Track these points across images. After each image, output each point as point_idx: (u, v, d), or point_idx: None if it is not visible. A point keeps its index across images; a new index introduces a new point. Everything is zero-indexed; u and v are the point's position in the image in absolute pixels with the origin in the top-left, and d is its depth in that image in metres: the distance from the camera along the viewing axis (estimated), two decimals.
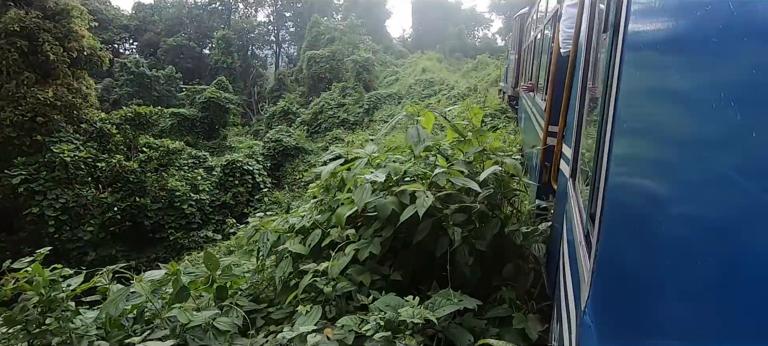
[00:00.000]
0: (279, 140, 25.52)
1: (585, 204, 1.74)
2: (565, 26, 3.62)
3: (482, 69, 24.81)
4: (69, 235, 14.90)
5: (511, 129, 10.40)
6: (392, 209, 2.62)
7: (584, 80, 2.39)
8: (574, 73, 3.05)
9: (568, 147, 2.89)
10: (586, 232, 1.57)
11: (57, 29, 15.41)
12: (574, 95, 2.78)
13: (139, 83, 45.18)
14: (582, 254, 1.49)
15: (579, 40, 2.97)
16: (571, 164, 2.44)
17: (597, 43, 2.19)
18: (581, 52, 2.61)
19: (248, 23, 57.28)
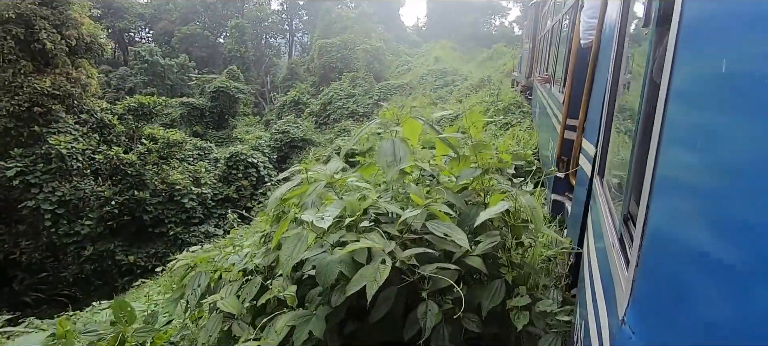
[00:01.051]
0: (286, 132, 24.86)
1: (617, 205, 1.63)
2: (587, 16, 3.50)
3: (498, 58, 23.53)
4: (66, 229, 14.56)
5: (526, 126, 9.36)
6: (340, 272, 1.78)
7: (615, 74, 2.23)
8: (596, 65, 2.95)
9: (588, 142, 2.79)
10: (620, 235, 1.47)
11: (54, 16, 14.91)
12: (599, 89, 2.65)
13: (153, 72, 45.27)
14: (616, 259, 1.40)
15: (603, 32, 2.85)
16: (598, 161, 2.32)
17: (630, 36, 2.04)
18: (611, 45, 2.40)
19: (262, 12, 56.72)
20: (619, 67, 2.21)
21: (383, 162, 2.33)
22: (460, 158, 2.60)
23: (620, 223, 1.51)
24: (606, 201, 1.89)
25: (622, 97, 2.07)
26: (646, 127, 1.35)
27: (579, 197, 2.80)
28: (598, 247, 1.85)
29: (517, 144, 7.78)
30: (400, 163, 2.32)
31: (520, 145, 7.66)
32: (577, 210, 2.72)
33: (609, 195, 1.92)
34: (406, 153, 2.38)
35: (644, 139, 1.32)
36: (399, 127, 2.48)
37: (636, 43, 1.94)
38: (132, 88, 43.93)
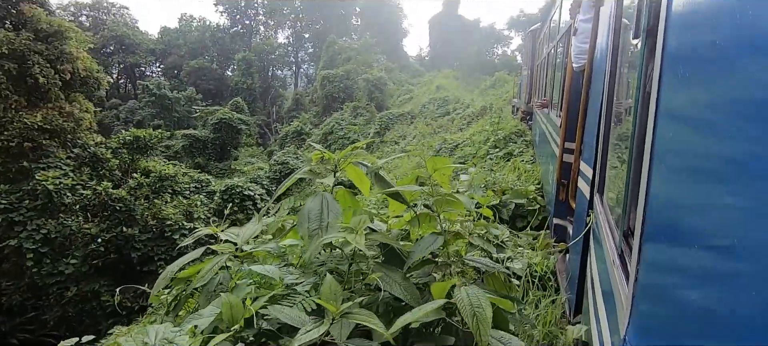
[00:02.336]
0: (285, 163, 24.39)
1: (617, 222, 1.65)
2: (578, 41, 3.55)
3: (500, 86, 23.09)
4: (49, 268, 13.90)
5: (529, 156, 8.61)
6: None
7: (609, 94, 2.25)
8: (590, 88, 3.03)
9: (586, 165, 2.83)
10: (620, 252, 1.48)
11: (49, 51, 14.84)
12: (593, 111, 2.70)
13: (161, 105, 45.95)
14: (617, 276, 1.41)
15: (595, 54, 2.92)
16: (597, 181, 2.35)
17: (621, 54, 2.07)
18: (604, 65, 2.41)
19: (269, 45, 57.87)
20: (612, 88, 2.19)
21: (304, 230, 1.62)
22: (419, 219, 1.88)
23: (620, 239, 1.50)
24: (606, 219, 1.88)
25: (617, 117, 2.07)
26: (639, 145, 1.34)
27: (580, 219, 2.78)
28: (599, 265, 1.83)
29: (519, 179, 7.02)
30: (328, 232, 1.60)
31: (522, 179, 6.89)
32: (579, 232, 2.67)
33: (609, 213, 1.90)
34: (337, 215, 1.66)
35: (638, 156, 1.33)
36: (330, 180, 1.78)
37: (626, 66, 1.94)
38: (140, 121, 44.50)
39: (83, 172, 16.36)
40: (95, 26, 54.83)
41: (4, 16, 15.00)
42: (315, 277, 1.67)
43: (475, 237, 1.98)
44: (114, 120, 46.26)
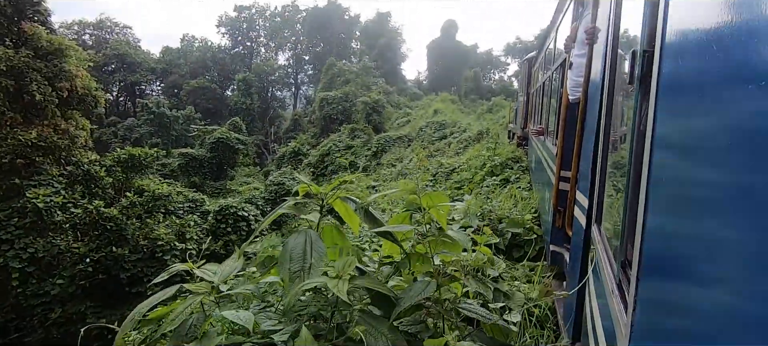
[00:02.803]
0: (281, 184, 24.19)
1: (614, 253, 1.69)
2: (574, 75, 3.63)
3: (497, 111, 23.26)
4: (35, 288, 13.52)
5: (526, 183, 8.53)
6: None
7: (606, 128, 2.27)
8: (585, 119, 3.09)
9: (582, 194, 2.85)
10: (618, 281, 1.51)
11: (48, 69, 14.87)
12: (588, 142, 2.76)
13: (159, 123, 46.05)
14: (616, 305, 1.42)
15: (590, 87, 2.99)
16: (594, 210, 2.36)
17: (616, 93, 2.15)
18: (598, 99, 2.46)
19: (269, 66, 58.56)
20: (608, 122, 2.24)
21: (285, 272, 1.50)
22: (409, 259, 1.76)
23: (618, 269, 1.52)
24: (604, 248, 1.91)
25: (613, 150, 2.13)
26: (635, 178, 1.39)
27: (576, 246, 2.81)
28: (598, 294, 1.86)
29: (515, 206, 6.92)
30: (310, 274, 1.48)
31: (519, 207, 6.78)
32: (576, 260, 2.71)
33: (607, 242, 1.94)
34: (322, 254, 1.55)
35: (634, 189, 1.37)
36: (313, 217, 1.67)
37: (621, 98, 2.00)
38: (138, 139, 44.51)
39: (76, 190, 16.13)
40: (98, 45, 55.49)
41: (5, 33, 15.08)
42: (296, 323, 1.54)
43: (470, 280, 1.86)
44: (112, 137, 46.22)
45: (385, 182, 19.56)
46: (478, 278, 1.93)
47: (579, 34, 3.66)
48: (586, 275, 2.44)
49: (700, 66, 0.88)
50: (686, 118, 0.97)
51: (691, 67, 0.95)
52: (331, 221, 1.86)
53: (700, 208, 0.84)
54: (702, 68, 0.86)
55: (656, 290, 1.05)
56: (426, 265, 1.77)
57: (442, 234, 1.72)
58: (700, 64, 0.87)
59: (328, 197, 1.80)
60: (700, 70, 0.87)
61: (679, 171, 0.99)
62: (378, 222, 1.70)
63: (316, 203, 1.80)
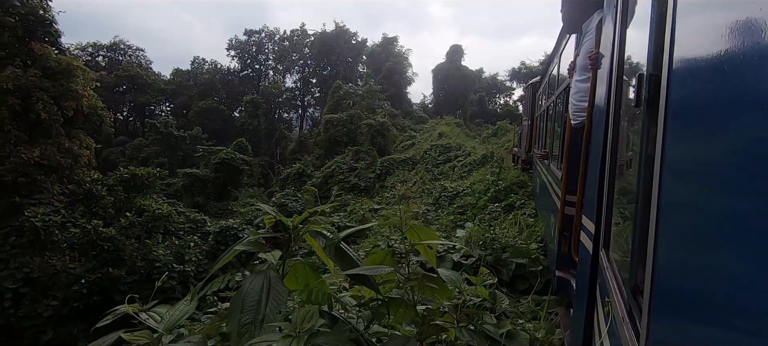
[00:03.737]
0: (284, 205, 23.97)
1: (624, 278, 1.66)
2: (576, 99, 3.63)
3: (502, 135, 23.07)
4: (28, 309, 13.22)
5: (531, 209, 8.20)
6: None
7: (613, 152, 2.24)
8: (590, 144, 3.09)
9: (587, 219, 2.83)
10: (629, 308, 1.47)
11: (54, 88, 15.00)
12: (594, 166, 2.73)
13: (166, 143, 46.50)
14: (627, 334, 1.38)
15: (594, 111, 3.00)
16: (603, 235, 2.30)
17: (622, 117, 2.13)
18: (603, 124, 2.47)
19: (276, 88, 59.33)
20: (614, 146, 2.22)
21: (234, 324, 1.23)
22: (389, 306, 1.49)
23: (628, 296, 1.48)
24: (613, 275, 1.88)
25: (620, 175, 2.11)
26: (644, 204, 1.34)
27: (583, 272, 2.80)
28: (608, 322, 1.81)
29: (520, 234, 6.59)
30: (262, 329, 1.21)
31: (524, 235, 6.46)
32: (583, 286, 2.69)
33: (615, 268, 1.90)
34: (282, 302, 1.28)
35: (644, 215, 1.33)
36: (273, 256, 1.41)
37: (627, 122, 1.99)
38: (145, 159, 44.92)
39: (77, 209, 16.02)
40: (111, 66, 56.80)
41: (16, 53, 15.32)
42: None
43: (463, 332, 1.57)
44: (120, 157, 46.69)
45: (388, 204, 19.26)
46: (473, 329, 1.64)
47: (579, 60, 3.69)
48: (594, 302, 2.40)
49: (709, 90, 0.87)
50: (696, 142, 0.96)
51: (700, 91, 0.94)
52: (299, 259, 1.60)
53: (712, 233, 0.82)
54: (711, 92, 0.85)
55: (669, 319, 1.03)
56: (409, 312, 1.49)
57: (429, 277, 1.45)
58: (709, 88, 0.86)
59: (298, 231, 1.54)
60: (709, 95, 0.86)
61: (691, 196, 0.97)
62: (351, 261, 1.43)
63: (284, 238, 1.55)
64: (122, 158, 45.45)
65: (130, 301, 1.92)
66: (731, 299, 0.71)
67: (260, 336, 1.15)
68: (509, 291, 4.95)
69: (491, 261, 5.27)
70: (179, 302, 1.64)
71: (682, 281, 0.98)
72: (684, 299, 0.95)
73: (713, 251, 0.81)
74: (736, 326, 0.69)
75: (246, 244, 1.49)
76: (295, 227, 1.51)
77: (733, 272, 0.72)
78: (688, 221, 0.96)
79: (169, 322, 1.48)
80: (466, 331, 1.61)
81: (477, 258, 5.20)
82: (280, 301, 1.26)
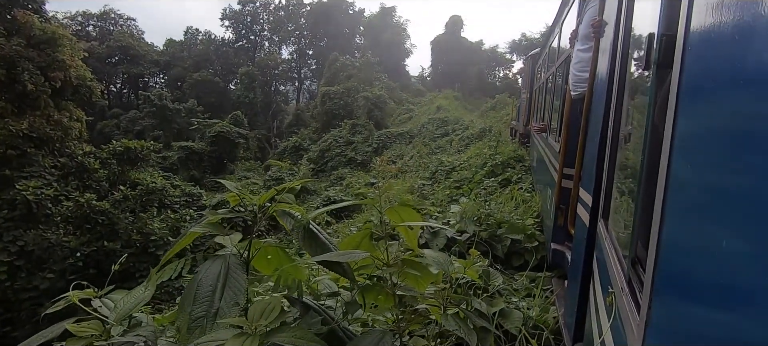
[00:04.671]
0: (280, 179, 23.85)
1: (624, 249, 1.64)
2: (576, 70, 3.60)
3: (501, 109, 22.74)
4: (24, 282, 13.24)
5: (528, 185, 8.07)
6: None
7: (615, 123, 2.19)
8: (590, 115, 3.06)
9: (585, 191, 2.83)
10: (629, 279, 1.45)
11: (40, 58, 14.51)
12: (593, 138, 2.69)
13: (161, 116, 45.88)
14: (626, 304, 1.37)
15: (595, 82, 2.98)
16: (602, 206, 2.28)
17: (627, 85, 2.08)
18: (605, 94, 2.42)
19: (272, 60, 58.09)
20: (618, 117, 2.17)
21: (184, 318, 1.07)
22: (364, 294, 1.33)
23: (628, 267, 1.47)
24: (612, 246, 1.85)
25: (623, 146, 2.06)
26: (651, 175, 1.30)
27: (579, 245, 2.79)
28: (605, 292, 1.80)
29: (516, 209, 6.47)
30: (215, 324, 1.06)
31: (520, 210, 6.33)
32: (578, 258, 2.69)
33: (615, 240, 1.87)
34: (240, 292, 1.12)
35: (649, 187, 1.29)
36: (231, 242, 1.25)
37: (631, 95, 1.96)
38: (140, 132, 44.47)
39: (69, 182, 15.83)
40: (102, 36, 55.33)
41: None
42: None
43: (449, 319, 1.43)
44: (114, 130, 46.16)
45: (384, 178, 19.15)
46: (460, 316, 1.50)
47: (582, 28, 3.65)
48: (590, 273, 2.37)
49: (732, 52, 0.79)
50: (714, 107, 0.89)
51: (721, 54, 0.86)
52: (270, 240, 1.44)
53: (724, 208, 0.79)
54: (735, 54, 0.78)
55: (672, 290, 1.02)
56: (389, 300, 1.34)
57: (409, 260, 1.29)
58: (733, 49, 0.79)
59: (265, 210, 1.38)
60: (732, 57, 0.79)
61: (704, 166, 0.92)
62: (322, 245, 1.27)
63: (249, 217, 1.38)
64: (117, 131, 44.93)
65: (125, 274, 1.78)
66: (739, 275, 0.69)
67: (210, 334, 0.99)
68: (504, 268, 4.86)
69: (486, 237, 5.16)
70: (136, 288, 1.50)
71: (688, 254, 0.95)
72: (689, 272, 0.92)
73: (724, 225, 0.78)
74: (742, 300, 0.67)
75: (203, 226, 1.32)
76: (260, 206, 1.34)
77: (744, 247, 0.69)
78: (698, 192, 0.92)
79: (121, 311, 1.33)
80: (452, 318, 1.46)
81: (471, 234, 5.09)
82: (238, 291, 1.10)
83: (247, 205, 1.39)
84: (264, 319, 1.02)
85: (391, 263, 1.33)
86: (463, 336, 1.42)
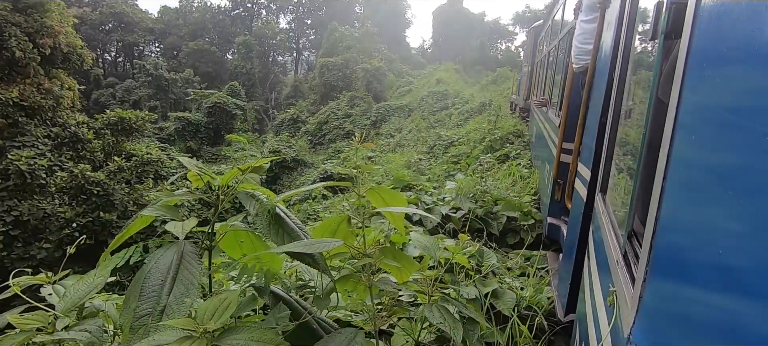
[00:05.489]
0: (277, 151, 23.65)
1: (621, 223, 1.65)
2: (579, 42, 3.56)
3: (502, 82, 22.32)
4: (21, 252, 13.26)
5: (527, 161, 7.92)
6: None
7: (617, 96, 2.17)
8: (591, 89, 3.03)
9: (584, 166, 2.82)
10: (624, 252, 1.46)
11: (27, 23, 14.01)
12: (594, 112, 2.67)
13: (157, 85, 45.22)
14: (621, 276, 1.38)
15: (599, 55, 2.94)
16: (600, 180, 2.27)
17: (632, 56, 2.05)
18: (608, 67, 2.42)
19: (270, 30, 56.68)
20: (620, 90, 2.13)
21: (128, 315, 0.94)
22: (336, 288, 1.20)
23: (624, 240, 1.49)
24: (609, 219, 1.87)
25: (625, 120, 2.02)
26: (653, 149, 1.29)
27: (575, 218, 2.79)
28: (600, 265, 1.83)
29: (514, 185, 6.35)
30: (161, 325, 0.93)
31: (517, 187, 6.21)
32: (574, 232, 2.70)
33: (612, 213, 1.88)
34: (192, 285, 0.99)
35: (650, 160, 1.30)
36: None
37: (636, 68, 1.93)
38: (136, 101, 43.92)
39: (63, 152, 15.64)
40: (94, 2, 53.74)
41: None
42: None
43: (433, 310, 1.30)
44: (110, 99, 45.52)
45: (383, 152, 18.98)
46: (445, 306, 1.38)
47: None
48: (585, 246, 2.36)
49: (745, 23, 0.76)
50: (723, 81, 0.86)
51: (734, 24, 0.83)
52: (239, 224, 1.30)
53: (725, 187, 0.77)
54: (748, 26, 0.74)
55: (668, 265, 1.02)
56: (364, 293, 1.22)
57: (390, 251, 1.16)
58: (746, 20, 0.75)
59: (229, 192, 1.23)
60: (745, 28, 0.75)
61: (707, 143, 0.90)
62: (290, 232, 1.13)
63: (211, 199, 1.24)
64: (113, 101, 44.31)
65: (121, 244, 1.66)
66: (736, 254, 0.69)
67: (153, 335, 0.87)
68: (499, 246, 4.78)
69: (481, 214, 5.05)
70: (88, 274, 1.37)
71: (686, 231, 0.95)
72: (685, 249, 0.92)
73: (724, 203, 0.77)
74: (737, 280, 0.67)
75: (156, 208, 1.18)
76: (222, 186, 1.19)
77: (743, 228, 0.68)
78: (700, 169, 0.92)
79: (69, 301, 1.21)
80: (436, 309, 1.34)
81: (466, 211, 4.98)
82: (190, 284, 0.97)
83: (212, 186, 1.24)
84: (217, 318, 0.89)
85: (368, 251, 1.19)
86: (447, 330, 1.30)
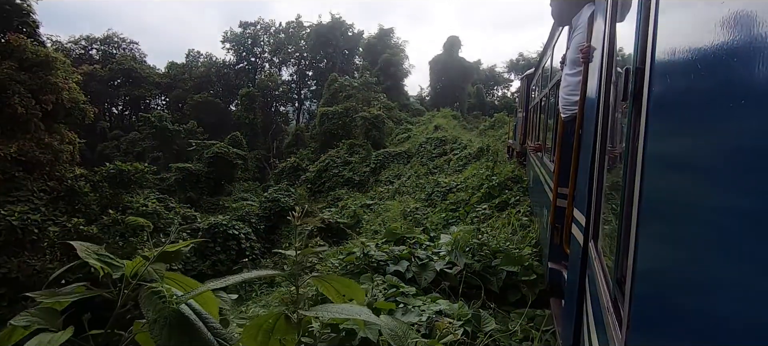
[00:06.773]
0: (276, 200, 23.42)
1: (610, 269, 1.73)
2: (565, 93, 3.70)
3: (499, 127, 22.50)
4: (6, 311, 12.74)
5: (526, 207, 7.66)
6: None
7: (601, 146, 2.30)
8: (582, 137, 3.13)
9: (579, 211, 2.89)
10: (613, 298, 1.53)
11: (32, 81, 14.38)
12: (585, 160, 2.77)
13: (161, 137, 45.95)
14: (610, 321, 1.45)
15: (586, 105, 3.06)
16: (591, 227, 2.38)
17: (613, 109, 2.15)
18: (594, 118, 2.50)
19: (272, 81, 58.47)
20: (604, 140, 2.24)
21: None
22: None
23: (614, 286, 1.55)
24: (600, 265, 1.94)
25: (608, 168, 2.15)
26: (628, 195, 1.42)
27: (574, 264, 2.85)
28: (594, 311, 1.88)
29: (513, 235, 6.06)
30: None
31: (517, 237, 5.92)
32: (573, 278, 2.73)
33: (603, 259, 1.95)
34: None
35: (627, 206, 1.40)
36: None
37: (617, 115, 2.03)
38: (140, 153, 44.52)
39: (58, 206, 15.49)
40: (105, 60, 55.98)
41: None
42: None
43: None
44: (115, 151, 46.18)
45: (381, 199, 18.75)
46: None
47: (570, 54, 3.70)
48: (583, 293, 2.42)
49: (688, 83, 0.88)
50: (676, 135, 0.97)
51: (680, 85, 0.95)
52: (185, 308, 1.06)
53: (692, 224, 0.83)
54: (691, 86, 0.86)
55: (649, 306, 1.04)
56: None
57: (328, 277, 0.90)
58: (689, 81, 0.87)
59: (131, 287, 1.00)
60: (689, 88, 0.87)
61: (671, 188, 0.98)
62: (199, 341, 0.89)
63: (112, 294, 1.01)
64: (117, 153, 44.92)
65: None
66: (710, 290, 0.71)
67: None
68: (499, 305, 4.43)
69: (479, 269, 4.74)
70: None
71: (662, 271, 0.98)
72: (663, 288, 0.95)
73: (693, 242, 0.81)
74: (714, 317, 0.69)
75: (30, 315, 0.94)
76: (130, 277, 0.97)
77: (712, 263, 0.72)
78: (669, 213, 0.97)
79: None
80: None
81: (462, 267, 4.67)
82: None
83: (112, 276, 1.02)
84: None
85: None
86: None
